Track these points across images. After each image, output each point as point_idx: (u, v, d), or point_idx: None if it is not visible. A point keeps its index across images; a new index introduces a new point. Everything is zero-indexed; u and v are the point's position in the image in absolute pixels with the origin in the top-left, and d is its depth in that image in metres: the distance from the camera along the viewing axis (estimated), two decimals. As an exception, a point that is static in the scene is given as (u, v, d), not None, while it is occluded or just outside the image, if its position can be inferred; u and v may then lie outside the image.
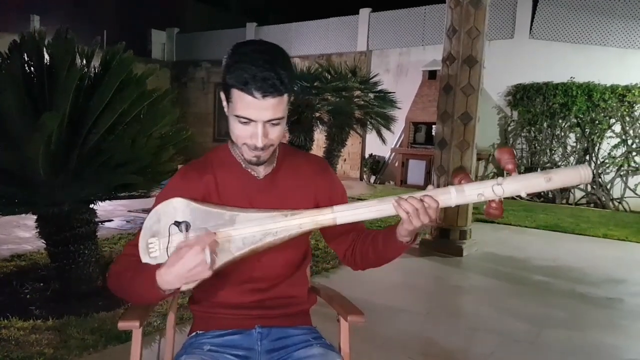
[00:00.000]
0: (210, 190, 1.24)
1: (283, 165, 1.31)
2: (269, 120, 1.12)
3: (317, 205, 1.27)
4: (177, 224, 1.11)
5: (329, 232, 1.35)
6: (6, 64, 2.89)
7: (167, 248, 1.11)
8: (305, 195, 1.29)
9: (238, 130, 1.15)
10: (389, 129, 8.13)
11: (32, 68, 2.94)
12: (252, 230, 1.12)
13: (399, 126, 9.80)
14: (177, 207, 1.13)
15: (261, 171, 1.27)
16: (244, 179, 1.26)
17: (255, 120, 1.11)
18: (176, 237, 1.11)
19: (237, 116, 1.12)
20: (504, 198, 1.08)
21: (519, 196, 1.07)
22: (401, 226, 1.13)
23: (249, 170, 1.27)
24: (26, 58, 2.92)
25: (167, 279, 1.04)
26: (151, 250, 1.12)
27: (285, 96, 1.13)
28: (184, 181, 1.25)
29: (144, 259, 1.12)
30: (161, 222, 1.13)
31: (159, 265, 1.07)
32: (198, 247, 1.02)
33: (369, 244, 1.28)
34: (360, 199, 1.47)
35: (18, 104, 2.62)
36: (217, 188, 1.25)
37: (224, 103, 1.17)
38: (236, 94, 1.11)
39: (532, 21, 9.83)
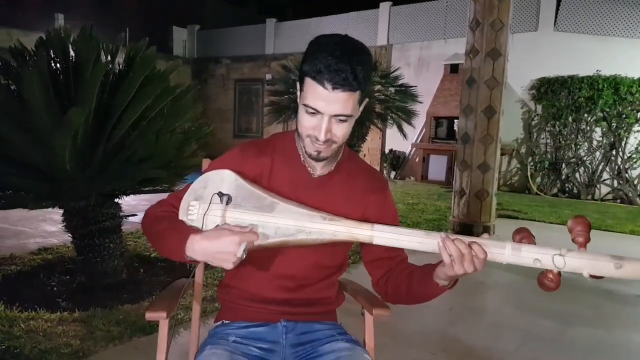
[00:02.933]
0: (263, 173, 1.23)
1: (341, 170, 1.27)
2: (335, 115, 1.10)
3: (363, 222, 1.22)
4: (221, 195, 1.13)
5: (368, 253, 1.31)
6: (33, 60, 2.94)
7: (204, 214, 1.12)
8: (353, 207, 1.25)
9: (304, 121, 1.13)
10: (410, 123, 8.05)
11: (58, 65, 2.98)
12: (287, 222, 1.11)
13: (419, 121, 9.72)
14: (224, 179, 1.16)
15: (318, 169, 1.25)
16: (298, 172, 1.24)
17: (322, 112, 1.09)
18: (216, 206, 1.12)
19: (305, 105, 1.11)
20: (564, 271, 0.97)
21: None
22: (441, 268, 1.07)
23: (306, 165, 1.25)
24: (52, 55, 2.96)
25: (196, 248, 1.05)
26: (190, 212, 1.14)
27: (357, 93, 1.09)
28: (241, 157, 1.25)
29: (181, 216, 1.15)
30: (207, 188, 1.15)
31: (196, 230, 1.08)
32: (237, 238, 1.02)
33: (404, 277, 1.22)
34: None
35: (45, 100, 2.67)
36: (270, 173, 1.24)
37: (298, 92, 1.16)
38: (308, 82, 1.09)
39: (556, 13, 9.65)
